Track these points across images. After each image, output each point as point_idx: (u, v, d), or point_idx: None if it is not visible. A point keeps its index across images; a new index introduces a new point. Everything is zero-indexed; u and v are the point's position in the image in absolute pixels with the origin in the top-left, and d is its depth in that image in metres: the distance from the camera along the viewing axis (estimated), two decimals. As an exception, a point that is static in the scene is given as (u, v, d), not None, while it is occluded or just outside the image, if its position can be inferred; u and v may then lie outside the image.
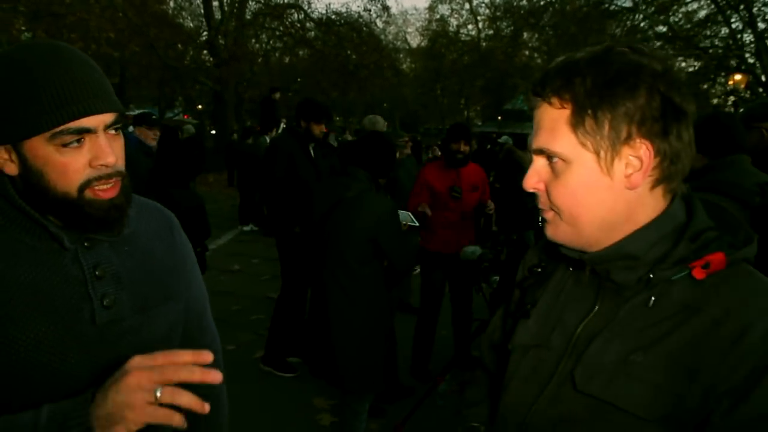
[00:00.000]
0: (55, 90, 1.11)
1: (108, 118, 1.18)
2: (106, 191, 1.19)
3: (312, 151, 5.14)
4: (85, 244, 1.24)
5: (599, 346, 1.05)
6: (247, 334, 5.92)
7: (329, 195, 3.49)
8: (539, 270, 1.28)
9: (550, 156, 1.05)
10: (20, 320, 1.15)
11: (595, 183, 1.02)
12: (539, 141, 1.05)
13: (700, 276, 0.99)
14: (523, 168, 5.67)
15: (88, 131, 1.15)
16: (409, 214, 4.39)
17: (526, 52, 35.00)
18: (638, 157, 1.00)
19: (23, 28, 16.19)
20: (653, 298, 1.02)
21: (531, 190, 1.10)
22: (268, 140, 11.58)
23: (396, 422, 3.99)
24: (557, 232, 1.09)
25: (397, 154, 4.37)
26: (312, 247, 3.61)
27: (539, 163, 1.08)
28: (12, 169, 1.16)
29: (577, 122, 1.00)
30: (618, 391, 1.00)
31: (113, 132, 1.20)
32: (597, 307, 1.11)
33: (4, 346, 1.15)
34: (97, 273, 1.24)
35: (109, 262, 1.27)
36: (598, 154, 1.01)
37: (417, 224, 4.36)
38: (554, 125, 1.03)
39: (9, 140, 1.14)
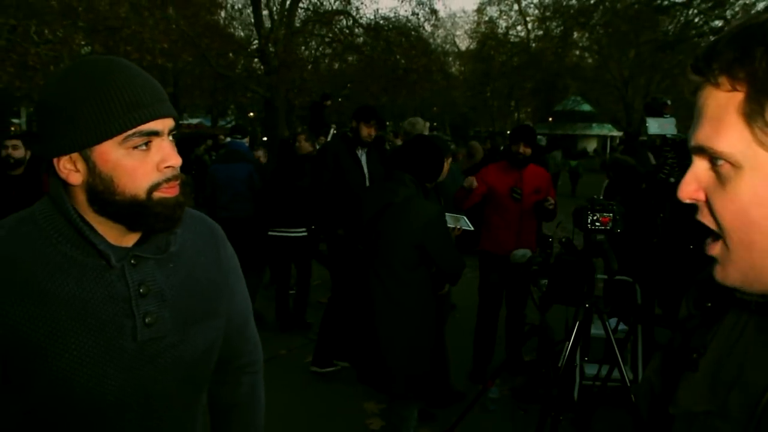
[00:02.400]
0: (126, 96, 1.15)
1: (170, 123, 1.23)
2: (171, 190, 1.23)
3: (361, 156, 5.17)
4: (132, 261, 1.27)
5: None
6: (299, 339, 5.99)
7: (377, 200, 3.49)
8: (709, 305, 0.97)
9: (714, 157, 0.76)
10: (65, 336, 1.19)
11: None
12: (699, 136, 0.78)
13: None
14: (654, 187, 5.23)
15: (155, 134, 1.19)
16: (464, 217, 4.35)
17: (577, 52, 34.50)
18: None
19: (83, 42, 16.71)
20: None
21: (688, 201, 0.82)
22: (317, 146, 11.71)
23: (446, 427, 3.98)
24: (727, 271, 0.80)
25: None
26: (359, 251, 3.63)
27: (700, 167, 0.80)
28: (76, 178, 1.20)
29: (753, 111, 0.72)
30: None
31: (171, 138, 1.24)
32: None
33: (48, 361, 1.18)
34: (141, 291, 1.27)
35: (153, 279, 1.30)
36: None
37: (472, 228, 4.32)
38: (720, 115, 0.75)
39: (78, 147, 1.17)
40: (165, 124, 1.21)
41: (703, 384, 0.90)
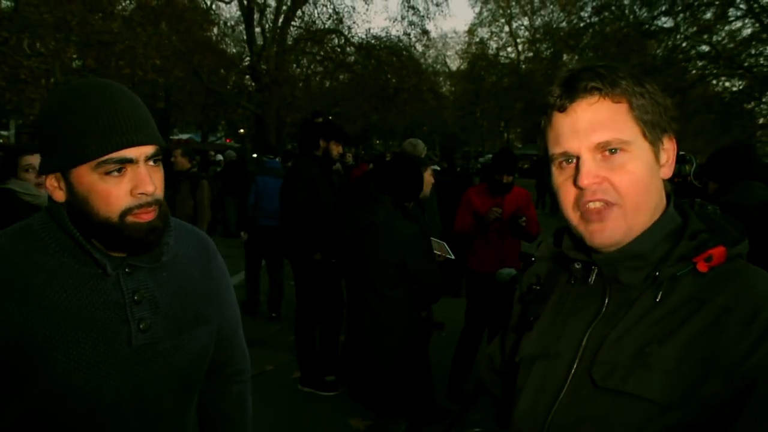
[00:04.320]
0: (101, 123, 1.20)
1: (149, 150, 1.26)
2: (146, 215, 1.27)
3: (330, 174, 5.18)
4: (126, 270, 1.32)
5: (613, 343, 1.08)
6: (286, 355, 5.99)
7: (358, 220, 3.55)
8: (538, 287, 1.31)
9: (612, 149, 1.07)
10: (63, 340, 1.23)
11: (653, 170, 1.09)
12: (602, 136, 1.07)
13: (704, 269, 1.05)
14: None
15: (129, 161, 1.23)
16: (444, 244, 4.38)
17: (567, 74, 34.76)
18: (670, 149, 1.13)
19: (74, 56, 16.73)
20: (661, 294, 1.07)
21: (591, 185, 1.08)
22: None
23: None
24: (615, 228, 1.08)
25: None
26: (341, 270, 3.64)
27: (593, 160, 1.08)
28: (60, 196, 1.26)
29: (638, 113, 1.08)
30: (638, 382, 1.03)
31: (152, 163, 1.28)
32: (605, 310, 1.15)
33: (46, 363, 1.22)
34: (135, 298, 1.32)
35: (147, 287, 1.35)
36: (653, 143, 1.09)
37: (453, 257, 4.35)
38: (617, 117, 1.07)
39: (59, 168, 1.23)
40: (140, 152, 1.24)
41: (539, 337, 1.23)
